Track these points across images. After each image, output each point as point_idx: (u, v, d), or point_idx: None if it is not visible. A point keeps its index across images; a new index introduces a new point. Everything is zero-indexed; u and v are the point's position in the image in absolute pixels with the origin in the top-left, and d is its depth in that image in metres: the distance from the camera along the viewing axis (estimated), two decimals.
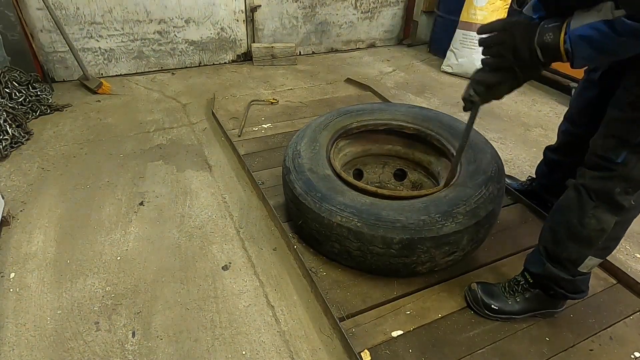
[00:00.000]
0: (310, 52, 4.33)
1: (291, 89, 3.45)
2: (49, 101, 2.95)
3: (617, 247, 1.85)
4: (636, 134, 1.02)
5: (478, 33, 1.11)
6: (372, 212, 1.44)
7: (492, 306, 1.40)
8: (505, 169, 1.72)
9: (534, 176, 2.01)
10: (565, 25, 0.98)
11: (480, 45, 1.11)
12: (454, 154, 1.74)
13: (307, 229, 1.63)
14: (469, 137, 1.43)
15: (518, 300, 1.41)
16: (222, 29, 3.81)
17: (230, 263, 1.71)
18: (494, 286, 1.46)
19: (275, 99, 3.14)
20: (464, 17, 3.60)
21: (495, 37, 1.07)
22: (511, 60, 1.05)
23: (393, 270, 1.52)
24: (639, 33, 0.86)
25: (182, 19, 3.61)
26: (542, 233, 1.35)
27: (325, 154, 1.77)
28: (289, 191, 1.68)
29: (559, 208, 1.27)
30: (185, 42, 3.72)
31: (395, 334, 1.40)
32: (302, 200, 1.58)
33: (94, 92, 3.21)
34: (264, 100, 3.14)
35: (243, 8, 3.80)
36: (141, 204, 2.04)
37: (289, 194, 1.68)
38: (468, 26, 3.57)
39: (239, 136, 2.64)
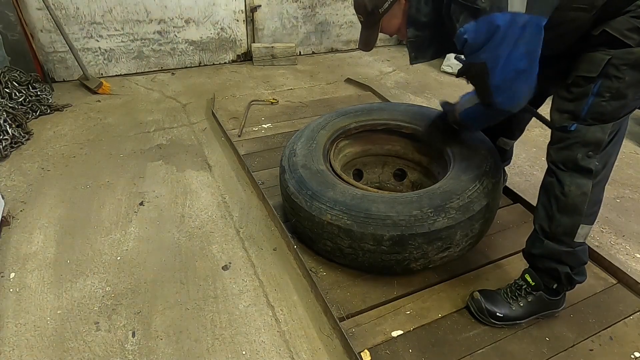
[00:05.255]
0: (310, 52, 4.33)
1: (291, 89, 3.45)
2: (49, 101, 2.95)
3: (618, 248, 1.85)
4: (581, 108, 1.18)
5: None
6: (362, 208, 1.44)
7: (497, 314, 1.41)
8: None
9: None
10: (457, 107, 1.59)
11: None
12: (451, 155, 1.73)
13: (301, 227, 1.64)
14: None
15: (522, 304, 1.41)
16: (222, 29, 3.81)
17: (230, 263, 1.71)
18: (495, 293, 1.46)
19: (275, 99, 3.14)
20: None
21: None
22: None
23: (387, 267, 1.52)
24: (491, 112, 1.41)
25: (182, 19, 3.61)
26: (535, 213, 1.39)
27: (322, 150, 1.77)
28: (283, 190, 1.70)
29: (544, 188, 1.35)
30: (185, 42, 3.72)
31: (395, 334, 1.40)
32: (294, 199, 1.59)
33: (94, 92, 3.21)
34: (264, 100, 3.14)
35: (243, 8, 3.80)
36: (141, 204, 2.04)
37: (284, 194, 1.69)
38: None
39: (239, 136, 2.64)
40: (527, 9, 1.08)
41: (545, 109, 1.37)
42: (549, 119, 1.31)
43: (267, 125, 2.81)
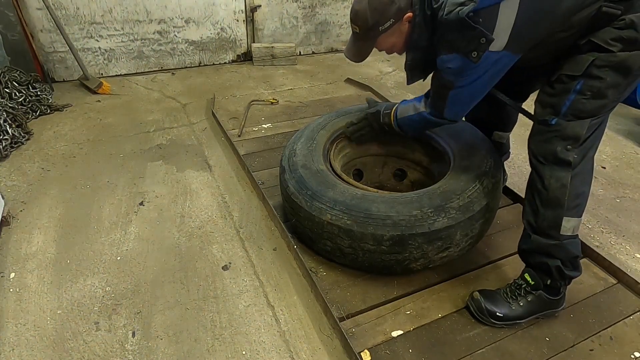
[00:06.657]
0: (310, 52, 4.33)
1: (291, 89, 3.45)
2: (49, 101, 2.95)
3: (618, 248, 1.85)
4: (562, 104, 1.24)
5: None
6: (362, 208, 1.44)
7: (497, 314, 1.41)
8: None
9: None
10: (393, 112, 1.69)
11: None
12: (451, 155, 1.73)
13: (301, 227, 1.64)
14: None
15: (521, 304, 1.41)
16: (222, 29, 3.81)
17: (230, 263, 1.71)
18: (495, 292, 1.46)
19: (275, 99, 3.14)
20: None
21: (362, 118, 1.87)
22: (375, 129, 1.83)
23: (387, 267, 1.52)
24: (433, 121, 1.54)
25: (182, 19, 3.61)
26: (523, 210, 1.42)
27: (322, 150, 1.78)
28: (283, 190, 1.70)
29: (528, 185, 1.39)
30: (185, 42, 3.72)
31: (395, 334, 1.40)
32: (294, 199, 1.59)
33: (94, 92, 3.21)
34: (264, 100, 3.14)
35: (243, 8, 3.80)
36: (141, 204, 2.04)
37: (284, 194, 1.70)
38: None
39: (239, 136, 2.64)
40: (505, 47, 1.19)
41: (530, 105, 1.38)
42: (532, 112, 1.35)
43: (267, 125, 2.81)
